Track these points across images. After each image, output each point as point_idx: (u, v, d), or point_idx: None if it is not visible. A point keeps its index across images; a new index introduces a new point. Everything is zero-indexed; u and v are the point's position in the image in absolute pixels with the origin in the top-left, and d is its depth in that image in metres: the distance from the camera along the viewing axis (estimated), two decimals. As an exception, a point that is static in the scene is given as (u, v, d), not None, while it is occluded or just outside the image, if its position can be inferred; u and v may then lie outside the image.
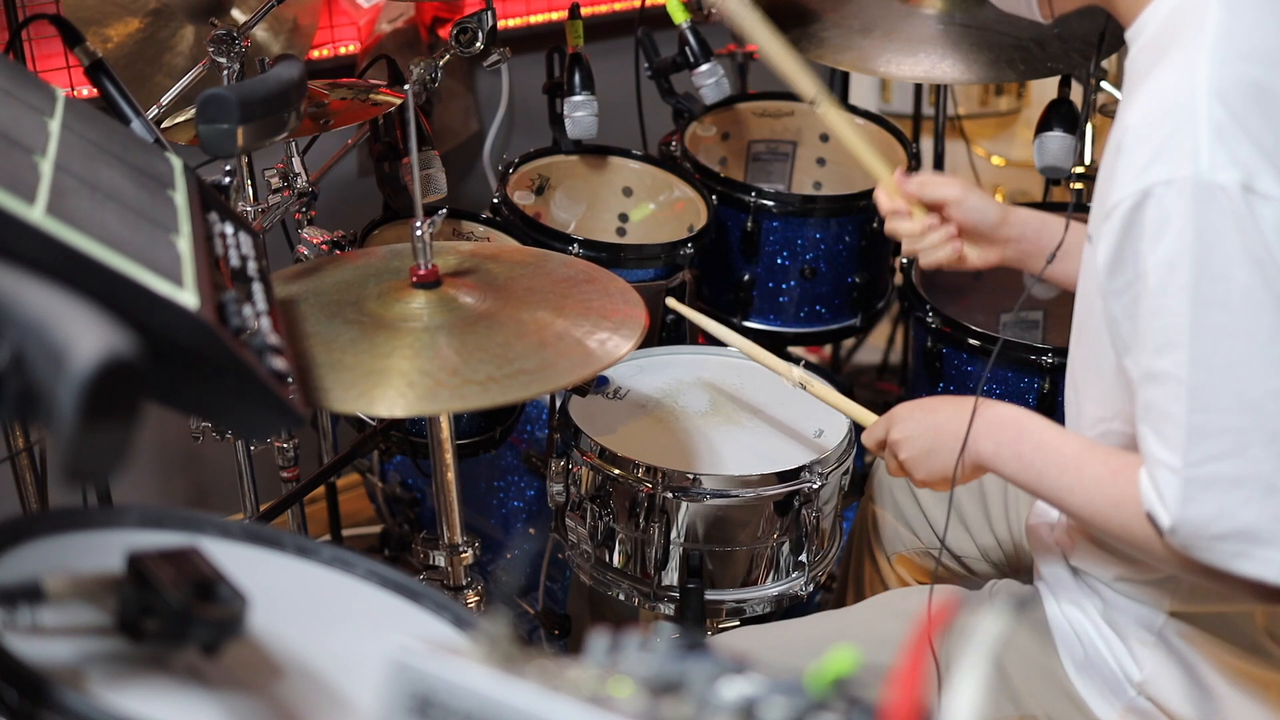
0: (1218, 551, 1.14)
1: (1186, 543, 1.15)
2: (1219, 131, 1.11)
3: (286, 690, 0.92)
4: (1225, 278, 1.11)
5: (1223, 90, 1.13)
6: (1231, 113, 1.12)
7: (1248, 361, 1.11)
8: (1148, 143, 1.15)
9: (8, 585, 0.85)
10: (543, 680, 0.64)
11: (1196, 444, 1.13)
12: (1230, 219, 1.10)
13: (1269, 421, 1.11)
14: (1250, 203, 1.10)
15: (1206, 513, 1.13)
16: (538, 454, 1.99)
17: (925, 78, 2.20)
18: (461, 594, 1.67)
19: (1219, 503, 1.13)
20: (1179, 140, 1.12)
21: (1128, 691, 1.37)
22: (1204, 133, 1.11)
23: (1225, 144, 1.11)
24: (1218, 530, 1.14)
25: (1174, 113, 1.14)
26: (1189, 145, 1.11)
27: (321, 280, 1.52)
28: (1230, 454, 1.12)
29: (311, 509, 2.45)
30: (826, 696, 0.63)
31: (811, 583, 1.77)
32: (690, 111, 2.41)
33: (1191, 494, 1.14)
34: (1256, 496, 1.12)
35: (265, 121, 1.36)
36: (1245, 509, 1.12)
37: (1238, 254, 1.10)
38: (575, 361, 1.35)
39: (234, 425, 1.48)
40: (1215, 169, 1.10)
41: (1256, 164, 1.10)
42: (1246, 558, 1.13)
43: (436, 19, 2.55)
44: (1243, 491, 1.12)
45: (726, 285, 2.32)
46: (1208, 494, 1.13)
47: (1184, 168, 1.11)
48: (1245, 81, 1.14)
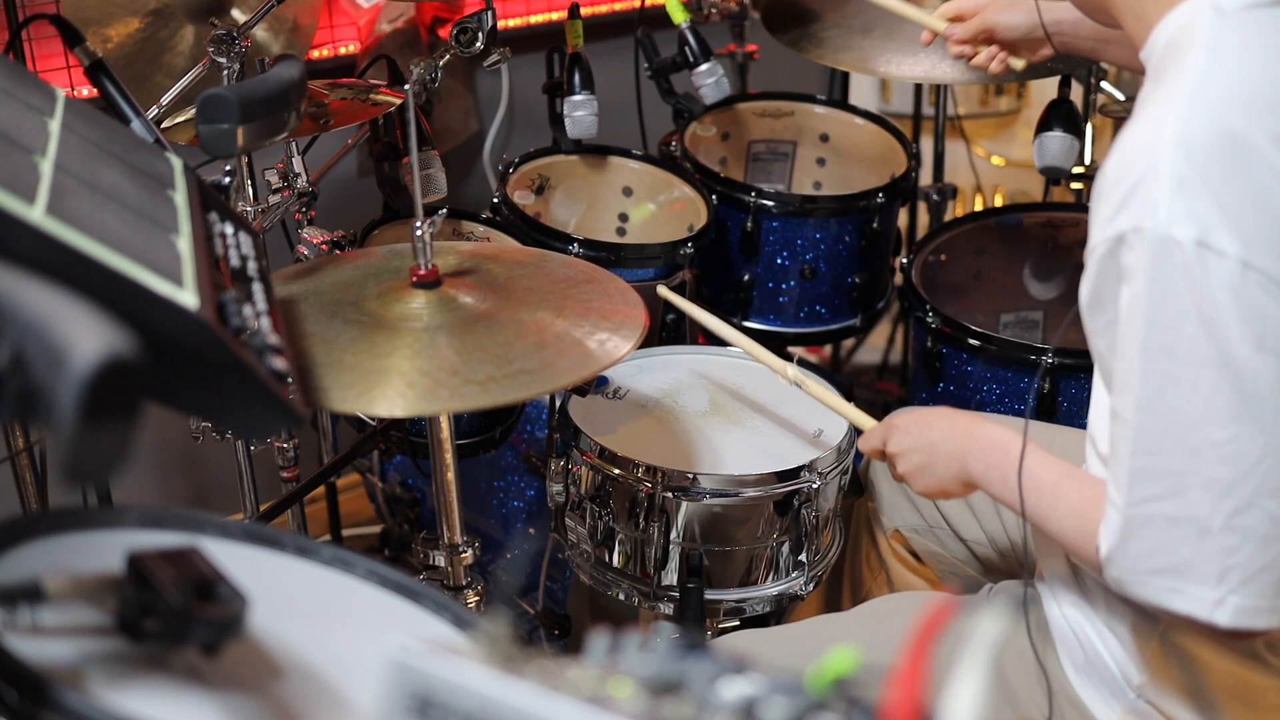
0: (1152, 586, 1.20)
1: (1120, 576, 1.21)
2: (1180, 184, 1.12)
3: (286, 690, 0.92)
4: (1174, 329, 1.13)
5: (1188, 141, 1.13)
6: (1193, 165, 1.13)
7: (1190, 411, 1.14)
8: (1118, 190, 1.17)
9: (8, 585, 0.85)
10: (543, 680, 0.64)
11: (1138, 484, 1.18)
12: (1182, 272, 1.12)
13: (1206, 469, 1.15)
14: (1203, 258, 1.11)
15: (1143, 548, 1.19)
16: (538, 454, 1.99)
17: (925, 78, 2.20)
18: (461, 594, 1.67)
19: (1155, 540, 1.18)
20: (1144, 190, 1.14)
21: (1127, 694, 1.37)
22: (1165, 185, 1.12)
23: (1184, 197, 1.12)
24: (1152, 565, 1.19)
25: (1141, 161, 1.15)
26: (1150, 196, 1.13)
27: (321, 280, 1.52)
28: (1169, 495, 1.16)
29: (311, 509, 2.45)
30: (826, 696, 0.63)
31: (811, 583, 1.77)
32: (690, 111, 2.41)
33: (1130, 531, 1.19)
34: (1192, 537, 1.16)
35: (265, 121, 1.36)
36: (1180, 548, 1.17)
37: (1187, 307, 1.12)
38: (575, 361, 1.35)
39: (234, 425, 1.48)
40: (1172, 222, 1.12)
41: (1214, 219, 1.11)
42: (1178, 594, 1.18)
43: (436, 19, 2.55)
44: (1179, 531, 1.16)
45: (726, 285, 2.32)
46: (1145, 531, 1.18)
47: (1145, 219, 1.13)
48: (1215, 131, 1.14)
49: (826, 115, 2.55)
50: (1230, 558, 1.15)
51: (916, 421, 1.48)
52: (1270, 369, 1.12)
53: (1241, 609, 1.16)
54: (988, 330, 2.03)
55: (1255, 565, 1.15)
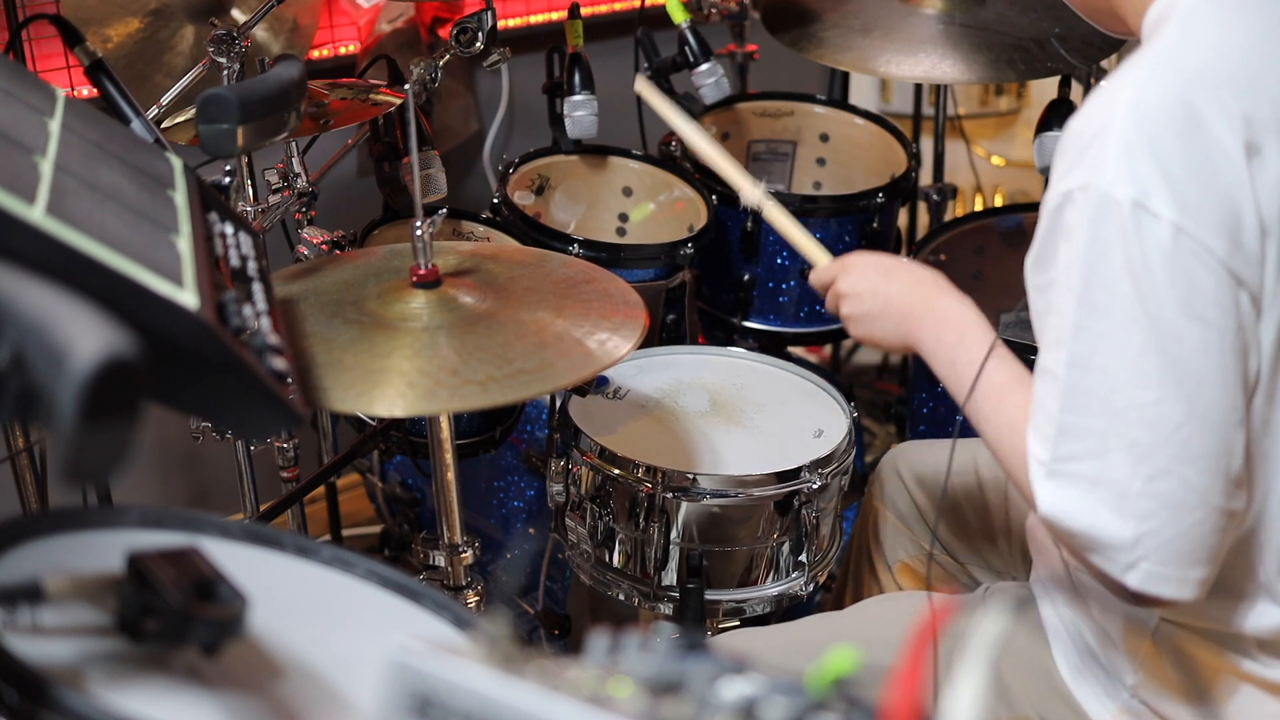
0: (1070, 540, 1.21)
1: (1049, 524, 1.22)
2: (1126, 146, 1.13)
3: (286, 690, 0.92)
4: (1107, 287, 1.14)
5: (1140, 106, 1.14)
6: (1142, 130, 1.13)
7: (1118, 371, 1.15)
8: (1073, 148, 1.18)
9: (8, 585, 0.85)
10: (543, 680, 0.64)
11: (1064, 442, 1.18)
12: (1118, 232, 1.12)
13: (1129, 431, 1.15)
14: (1138, 219, 1.12)
15: (1065, 507, 1.19)
16: (538, 454, 1.99)
17: (925, 78, 2.20)
18: (461, 594, 1.67)
19: (1076, 500, 1.18)
20: (1095, 150, 1.15)
21: (1122, 693, 1.37)
22: (1114, 146, 1.13)
23: (1129, 159, 1.13)
24: (1072, 525, 1.19)
25: (1097, 122, 1.17)
26: (1098, 156, 1.14)
27: (321, 280, 1.52)
28: (1091, 455, 1.17)
29: (311, 509, 2.45)
30: (826, 696, 0.63)
31: (811, 583, 1.77)
32: (690, 111, 2.41)
33: (1053, 487, 1.19)
34: (1109, 499, 1.16)
35: (265, 121, 1.36)
36: (1098, 508, 1.17)
37: (1121, 267, 1.13)
38: (575, 362, 1.35)
39: (234, 425, 1.48)
40: (1115, 183, 1.12)
41: (1154, 183, 1.12)
42: (1093, 552, 1.19)
43: (436, 19, 2.55)
44: (1097, 493, 1.17)
45: (726, 285, 2.32)
46: (1066, 489, 1.19)
47: (1090, 177, 1.14)
48: (1170, 100, 1.15)
49: (826, 115, 2.55)
50: (1144, 523, 1.15)
51: (876, 267, 1.47)
52: (1196, 335, 1.13)
53: (1150, 574, 1.16)
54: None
55: (1168, 532, 1.15)
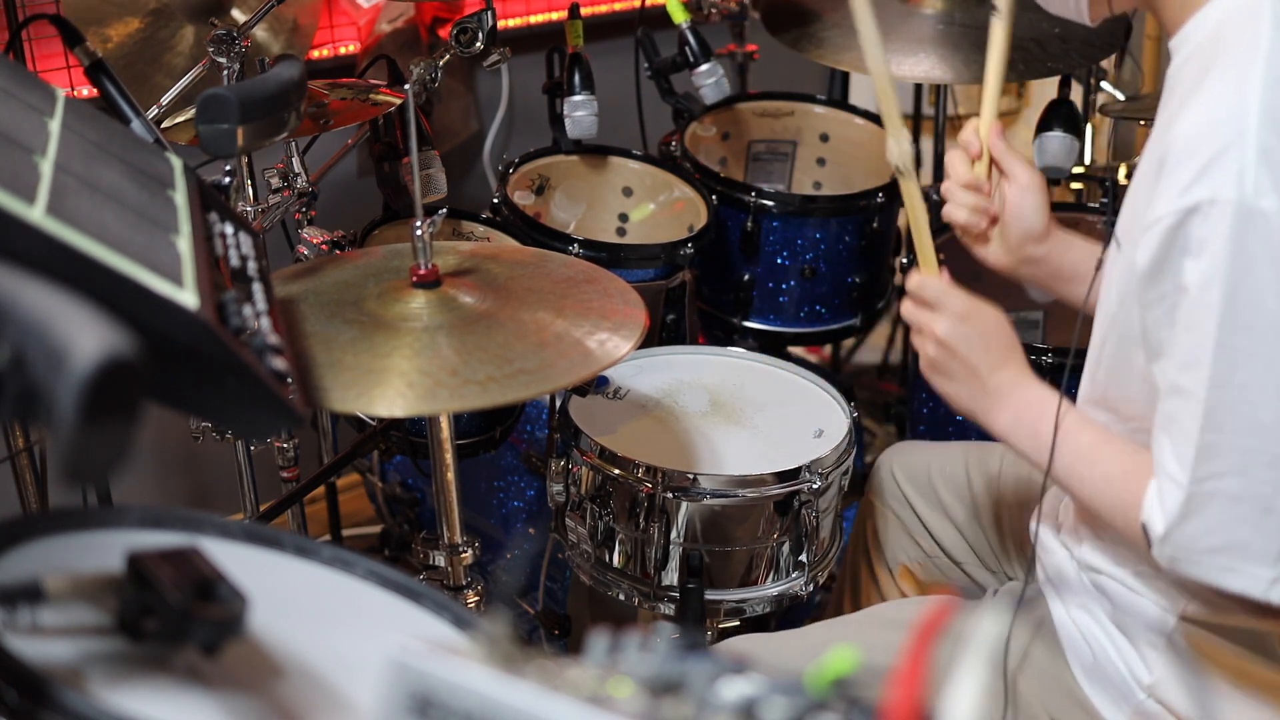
0: (1206, 565, 1.17)
1: (1176, 554, 1.18)
2: (1266, 155, 1.11)
3: (286, 690, 0.92)
4: (1254, 303, 1.12)
5: (1273, 114, 1.12)
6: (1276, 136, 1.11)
7: (1265, 386, 1.13)
8: (1194, 160, 1.14)
9: (8, 585, 0.85)
10: (543, 680, 0.64)
11: (1204, 462, 1.15)
12: (1267, 246, 1.10)
13: (1274, 446, 1.13)
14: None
15: (1202, 526, 1.16)
16: (538, 454, 1.99)
17: (925, 78, 2.20)
18: (461, 594, 1.67)
19: (1215, 517, 1.16)
20: (1226, 160, 1.12)
21: (1136, 695, 1.36)
22: (1251, 155, 1.11)
23: (1271, 169, 1.11)
24: (1209, 544, 1.16)
25: (1222, 131, 1.14)
26: (1235, 167, 1.11)
27: (321, 280, 1.52)
28: (1234, 472, 1.14)
29: (311, 509, 2.45)
30: (826, 697, 0.63)
31: (811, 583, 1.77)
32: (690, 111, 2.41)
33: (1191, 509, 1.16)
34: (1253, 515, 1.14)
35: (265, 121, 1.36)
36: (1240, 526, 1.15)
37: (1270, 280, 1.11)
38: (575, 362, 1.35)
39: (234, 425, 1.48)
40: (1259, 194, 1.10)
41: None
42: (1234, 573, 1.16)
43: (436, 19, 2.55)
44: (1240, 508, 1.15)
45: (726, 285, 2.32)
46: (1206, 509, 1.16)
47: (1228, 189, 1.11)
48: None
49: (826, 115, 2.55)
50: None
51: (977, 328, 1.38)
52: None
53: None
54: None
55: None
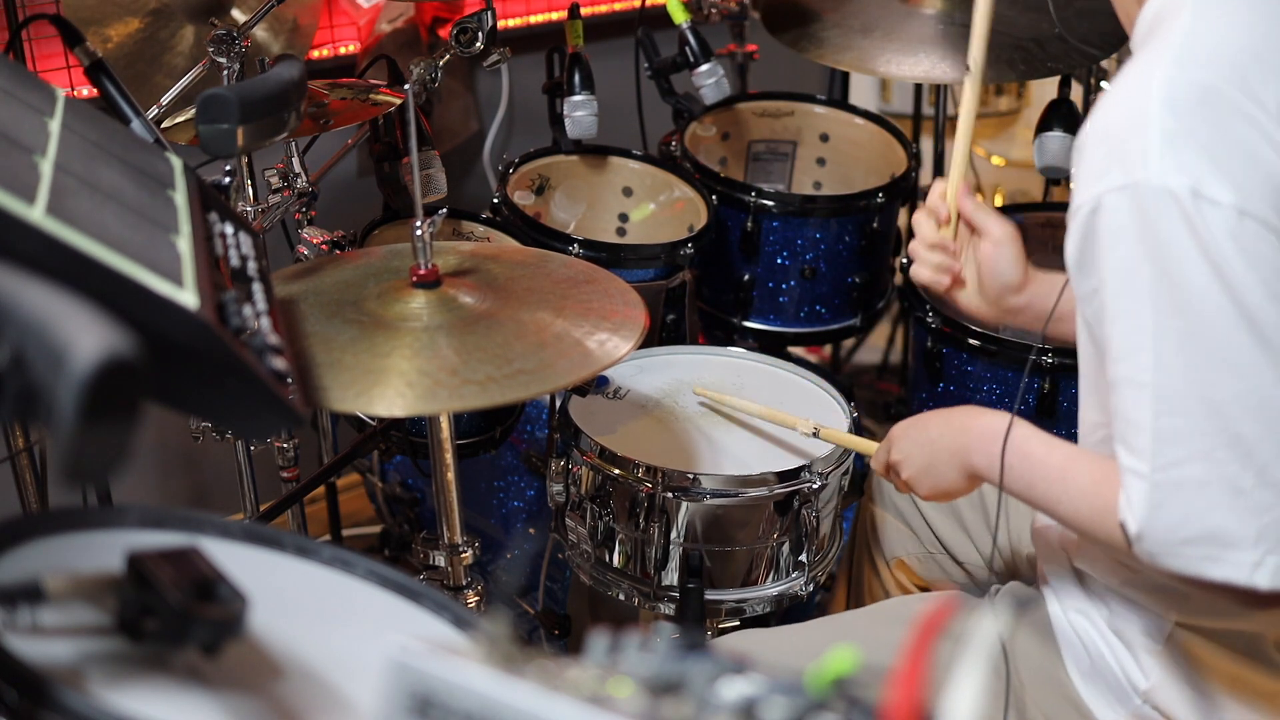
0: (1186, 557, 1.15)
1: (1154, 549, 1.16)
2: (1168, 138, 1.11)
3: (286, 690, 0.92)
4: (1181, 282, 1.11)
5: (1173, 97, 1.13)
6: (1180, 120, 1.12)
7: (1208, 365, 1.12)
8: (1102, 147, 1.16)
9: (8, 585, 0.85)
10: (543, 680, 0.64)
11: (1163, 448, 1.14)
12: (1183, 223, 1.10)
13: (1232, 424, 1.12)
14: (1200, 207, 1.10)
15: (1175, 517, 1.14)
16: (538, 454, 1.99)
17: (925, 78, 2.20)
18: (461, 594, 1.67)
19: (1187, 506, 1.14)
20: (1131, 147, 1.13)
21: (1133, 699, 1.36)
22: (1154, 139, 1.12)
23: (1174, 150, 1.11)
24: (1185, 534, 1.14)
25: (1127, 118, 1.15)
26: (1139, 151, 1.12)
27: (321, 280, 1.52)
28: (1197, 457, 1.13)
29: (311, 509, 2.45)
30: (826, 696, 0.63)
31: (811, 583, 1.77)
32: (690, 111, 2.41)
33: (1160, 499, 1.14)
34: (1223, 499, 1.12)
35: (265, 121, 1.36)
36: (1213, 512, 1.13)
37: (1193, 258, 1.11)
38: (574, 362, 1.35)
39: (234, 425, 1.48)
40: (1164, 174, 1.11)
41: (1204, 170, 1.11)
42: (1215, 561, 1.14)
43: (436, 19, 2.55)
44: (1209, 494, 1.13)
45: (726, 285, 2.32)
46: (1176, 498, 1.14)
47: (1135, 173, 1.12)
48: (1199, 89, 1.14)
49: (826, 115, 2.55)
50: (1265, 515, 1.11)
51: (914, 425, 1.47)
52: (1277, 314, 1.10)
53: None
54: (988, 330, 2.03)
55: None
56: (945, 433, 1.41)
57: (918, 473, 1.44)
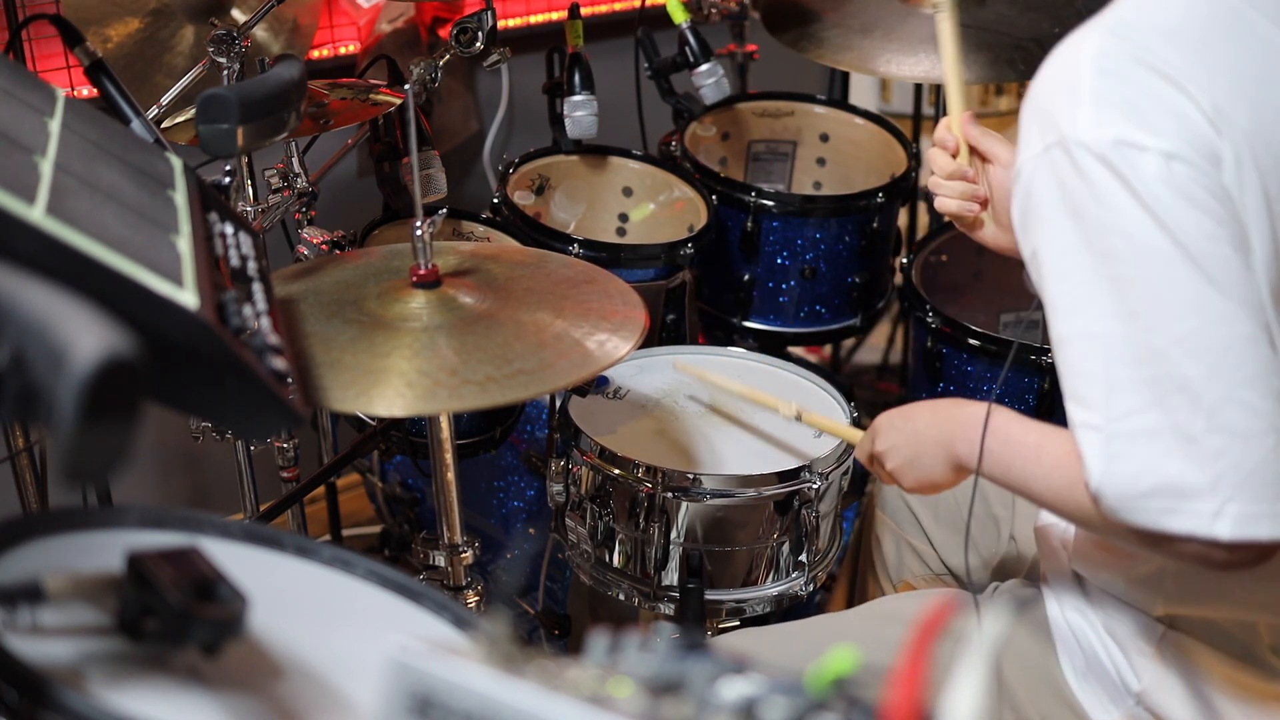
0: (1146, 510, 1.13)
1: (1116, 505, 1.14)
2: (1095, 97, 1.12)
3: (286, 690, 0.92)
4: (1114, 231, 1.11)
5: (1103, 61, 1.13)
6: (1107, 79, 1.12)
7: (1150, 310, 1.11)
8: (1035, 113, 1.17)
9: (8, 585, 0.85)
10: (543, 680, 0.64)
11: (1115, 399, 1.12)
12: (1110, 172, 1.10)
13: (1178, 369, 1.10)
14: (1126, 155, 1.10)
15: (1131, 468, 1.12)
16: (538, 454, 1.99)
17: (925, 78, 2.20)
18: (461, 594, 1.67)
19: (1142, 457, 1.12)
20: (1060, 109, 1.13)
21: (1127, 700, 1.36)
22: (1083, 99, 1.12)
23: (1099, 108, 1.11)
24: (1143, 486, 1.12)
25: (1058, 83, 1.16)
26: (1068, 111, 1.13)
27: (321, 280, 1.52)
28: (1147, 406, 1.11)
29: (311, 509, 2.45)
30: (826, 696, 0.63)
31: (811, 583, 1.77)
32: (690, 111, 2.41)
33: (1115, 450, 1.13)
34: (1176, 447, 1.10)
35: (265, 121, 1.36)
36: (1167, 461, 1.11)
37: (1125, 204, 1.10)
38: (574, 363, 1.35)
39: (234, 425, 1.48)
40: (1089, 128, 1.11)
41: (1129, 123, 1.10)
42: (1175, 513, 1.11)
43: (436, 19, 2.55)
44: (1161, 443, 1.11)
45: (726, 285, 2.32)
46: (1131, 449, 1.12)
47: (1063, 131, 1.12)
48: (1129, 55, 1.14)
49: (826, 115, 2.55)
50: (1219, 461, 1.09)
51: (899, 415, 1.47)
52: (1219, 253, 1.09)
53: (1241, 517, 1.09)
54: (988, 330, 2.03)
55: (1246, 465, 1.09)
56: (931, 423, 1.41)
57: (903, 464, 1.43)
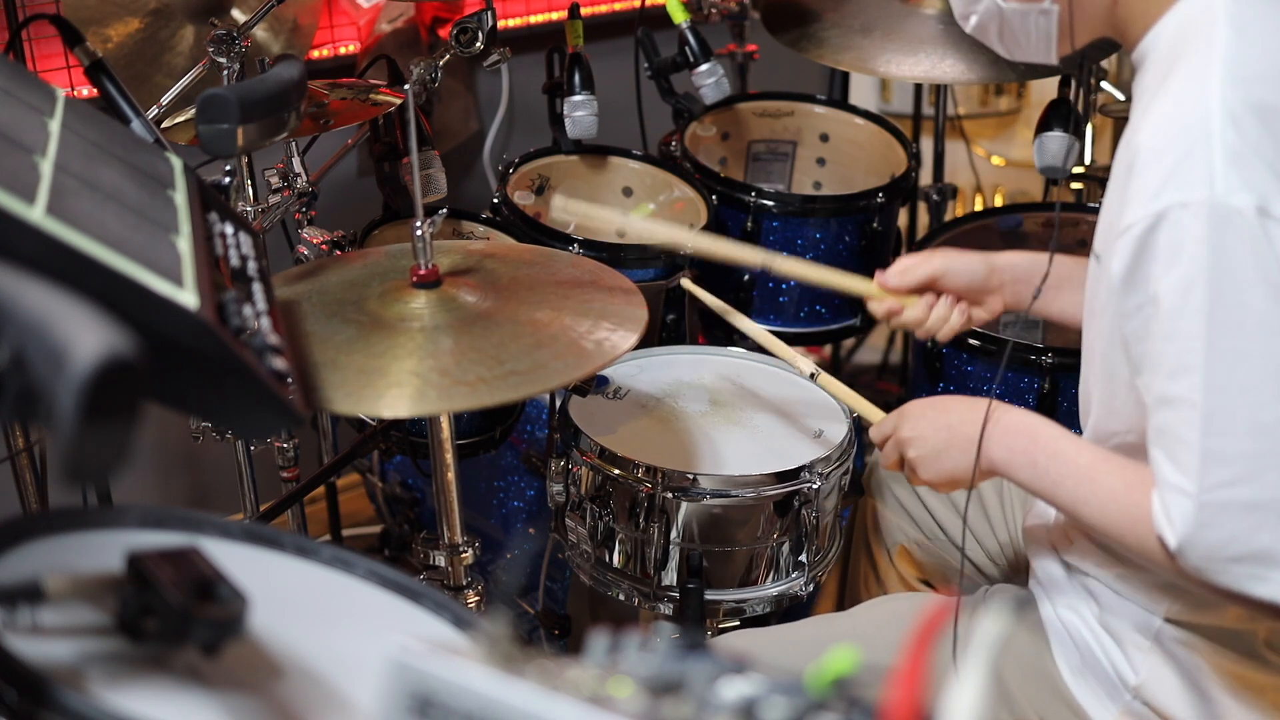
0: (1233, 574, 1.15)
1: (1200, 566, 1.16)
2: (1233, 155, 1.11)
3: (286, 690, 0.92)
4: (1240, 303, 1.11)
5: (1235, 112, 1.13)
6: (1243, 136, 1.12)
7: (1263, 386, 1.12)
8: (1160, 164, 1.15)
9: (8, 585, 0.85)
10: (543, 680, 0.64)
11: (1210, 469, 1.13)
12: (1246, 243, 1.10)
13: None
14: (1265, 226, 1.10)
15: (1221, 536, 1.14)
16: (538, 454, 1.99)
17: (925, 78, 2.20)
18: (461, 594, 1.67)
19: (1234, 527, 1.14)
20: (1193, 163, 1.12)
21: (1123, 695, 1.36)
22: (1218, 155, 1.11)
23: (1239, 167, 1.11)
24: (1232, 553, 1.14)
25: (1187, 134, 1.14)
26: (1203, 168, 1.11)
27: (322, 280, 1.52)
28: (1245, 479, 1.13)
29: (311, 509, 2.45)
30: (826, 696, 0.63)
31: (811, 583, 1.77)
32: (690, 111, 2.41)
33: (1206, 519, 1.14)
34: (1271, 521, 1.13)
35: (265, 121, 1.36)
36: (1260, 533, 1.13)
37: (1253, 278, 1.10)
38: (570, 363, 1.35)
39: (234, 425, 1.48)
40: (1230, 192, 1.10)
41: (1270, 187, 1.10)
42: (1261, 580, 1.14)
43: (436, 19, 2.55)
44: (1257, 516, 1.13)
45: (726, 285, 2.32)
46: (1222, 518, 1.14)
47: (1199, 191, 1.11)
48: (1255, 104, 1.13)
49: (826, 115, 2.55)
50: None
51: (933, 406, 1.45)
52: None
53: None
54: (988, 330, 2.03)
55: None
56: (968, 419, 1.39)
57: (928, 454, 1.42)
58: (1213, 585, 1.17)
